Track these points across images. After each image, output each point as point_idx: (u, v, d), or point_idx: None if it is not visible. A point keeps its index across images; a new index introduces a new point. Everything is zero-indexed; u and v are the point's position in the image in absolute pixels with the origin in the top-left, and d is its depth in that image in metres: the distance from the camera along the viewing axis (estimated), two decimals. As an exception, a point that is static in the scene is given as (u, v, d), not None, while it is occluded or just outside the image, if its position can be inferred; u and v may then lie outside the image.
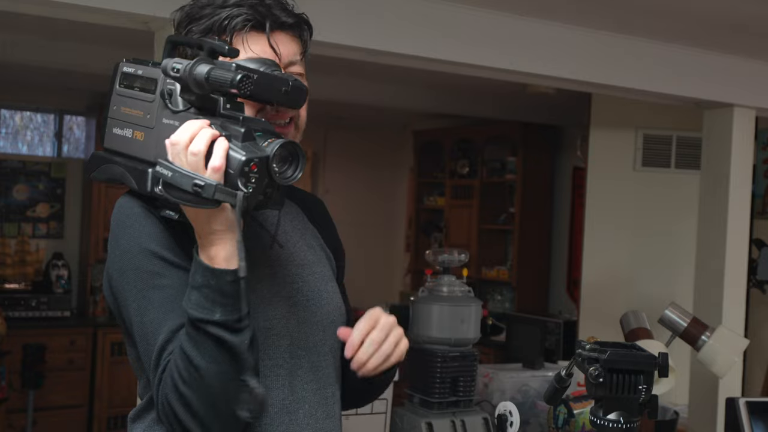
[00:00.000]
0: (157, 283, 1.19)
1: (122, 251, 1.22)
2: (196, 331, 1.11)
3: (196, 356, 1.11)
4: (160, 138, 1.14)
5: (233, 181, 1.06)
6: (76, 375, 5.49)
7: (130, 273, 1.21)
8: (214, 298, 1.10)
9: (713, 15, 3.08)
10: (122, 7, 2.52)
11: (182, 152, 1.08)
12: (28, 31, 3.94)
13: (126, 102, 1.21)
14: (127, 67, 1.23)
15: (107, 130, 1.24)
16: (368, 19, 2.91)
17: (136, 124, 1.19)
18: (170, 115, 1.14)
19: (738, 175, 3.76)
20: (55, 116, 6.23)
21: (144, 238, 1.21)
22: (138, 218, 1.22)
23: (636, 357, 1.21)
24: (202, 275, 1.11)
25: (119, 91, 1.23)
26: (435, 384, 2.44)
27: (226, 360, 1.11)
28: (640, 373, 1.20)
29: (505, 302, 6.17)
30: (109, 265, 1.25)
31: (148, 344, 1.19)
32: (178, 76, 1.10)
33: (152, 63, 1.21)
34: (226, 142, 1.07)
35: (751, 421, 2.37)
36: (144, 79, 1.19)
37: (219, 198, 1.05)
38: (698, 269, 3.90)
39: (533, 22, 3.21)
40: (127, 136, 1.20)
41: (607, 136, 4.85)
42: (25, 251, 5.87)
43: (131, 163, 1.19)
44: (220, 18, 1.26)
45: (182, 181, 1.06)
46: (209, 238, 1.12)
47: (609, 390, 1.20)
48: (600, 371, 1.19)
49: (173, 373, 1.13)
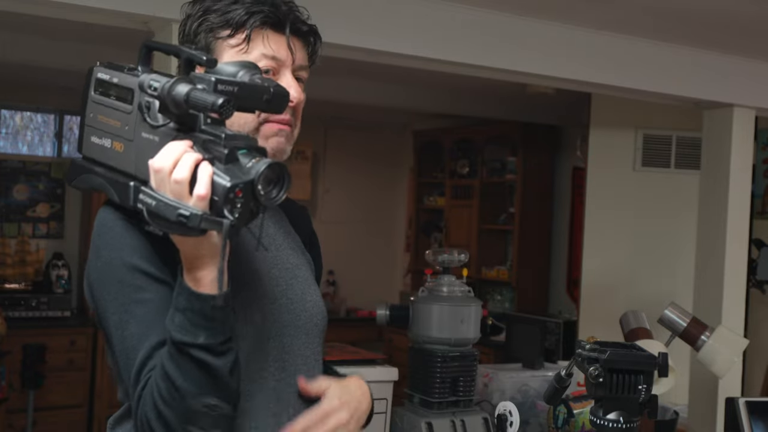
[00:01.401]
0: (138, 297, 1.17)
1: (104, 263, 1.21)
2: (179, 353, 1.10)
3: (178, 377, 1.10)
4: (139, 152, 1.12)
5: (219, 208, 1.03)
6: (76, 375, 5.49)
7: (111, 286, 1.19)
8: (198, 322, 1.09)
9: (713, 15, 3.08)
10: (122, 7, 2.52)
11: (166, 179, 1.05)
12: (28, 31, 3.94)
13: (102, 110, 1.17)
14: (102, 73, 1.18)
15: (85, 138, 1.20)
16: (368, 20, 2.91)
17: (115, 134, 1.15)
18: (149, 130, 1.11)
19: (738, 175, 3.76)
20: (55, 116, 6.23)
21: (126, 251, 1.19)
22: (120, 230, 1.20)
23: (636, 357, 1.21)
24: (186, 299, 1.10)
25: (95, 98, 1.19)
26: (435, 384, 2.44)
27: (207, 382, 1.11)
28: (639, 373, 1.20)
29: (505, 302, 6.16)
30: (90, 273, 1.24)
31: (128, 359, 1.17)
32: (156, 95, 1.08)
33: (127, 69, 1.17)
34: (210, 167, 1.04)
35: (751, 421, 2.37)
36: (120, 87, 1.15)
37: (205, 227, 1.03)
38: (698, 269, 3.90)
39: (533, 22, 3.21)
40: (106, 146, 1.17)
41: (607, 136, 4.86)
42: (25, 251, 5.87)
43: (111, 174, 1.16)
44: (239, 12, 1.26)
45: (167, 211, 1.04)
46: (195, 263, 1.10)
47: (609, 390, 1.20)
48: (600, 371, 1.19)
49: (153, 392, 1.12)
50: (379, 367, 2.70)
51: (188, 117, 1.09)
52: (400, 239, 7.43)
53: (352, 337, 5.63)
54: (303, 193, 6.85)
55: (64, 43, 4.09)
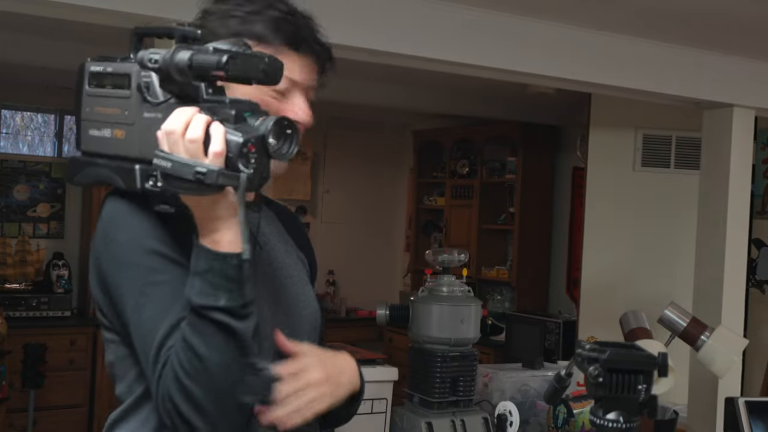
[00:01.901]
0: (155, 279, 1.17)
1: (118, 248, 1.20)
2: (200, 319, 1.09)
3: (200, 345, 1.08)
4: (143, 133, 1.12)
5: (234, 164, 1.05)
6: (76, 375, 5.50)
7: (127, 270, 1.19)
8: (219, 283, 1.08)
9: (713, 15, 3.08)
10: (122, 7, 2.53)
11: (179, 140, 1.05)
12: (28, 31, 3.94)
13: (99, 101, 1.18)
14: (95, 65, 1.19)
15: (83, 133, 1.21)
16: (368, 20, 2.91)
17: (115, 122, 1.16)
18: (151, 108, 1.12)
19: (737, 174, 3.76)
20: (55, 116, 6.24)
21: (141, 234, 1.19)
22: (132, 215, 1.20)
23: (636, 357, 1.21)
24: (205, 260, 1.09)
25: (90, 92, 1.19)
26: (435, 384, 2.45)
27: (231, 348, 1.09)
28: (639, 373, 1.20)
29: (504, 302, 6.17)
30: (101, 262, 1.22)
31: (145, 341, 1.16)
32: (158, 67, 1.08)
33: (120, 58, 1.18)
34: (221, 126, 1.06)
35: (751, 421, 2.37)
36: (115, 75, 1.16)
37: (222, 182, 1.04)
38: (698, 269, 3.90)
39: (533, 22, 3.21)
40: (105, 137, 1.17)
41: (607, 136, 4.86)
42: (25, 251, 5.88)
43: (114, 162, 1.16)
44: (264, 25, 1.27)
45: (183, 170, 1.04)
46: (212, 224, 1.10)
47: (608, 390, 1.20)
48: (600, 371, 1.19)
49: (175, 366, 1.11)
50: (379, 367, 2.70)
51: (190, 87, 1.09)
52: (400, 239, 7.43)
53: (352, 337, 5.64)
54: (303, 194, 6.85)
55: (64, 43, 4.09)
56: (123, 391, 1.28)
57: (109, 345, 1.29)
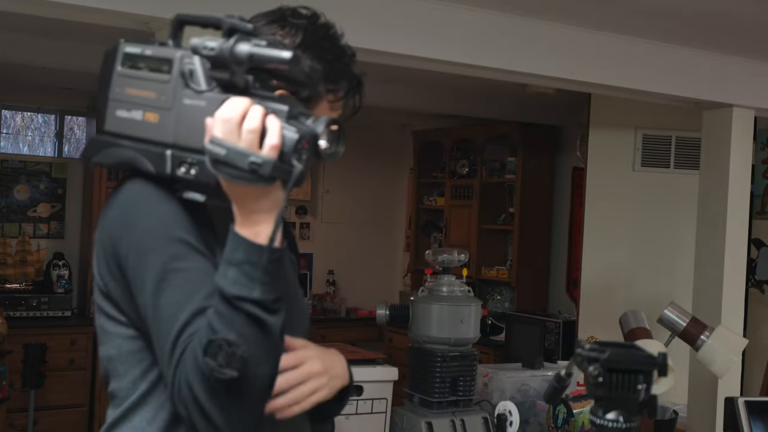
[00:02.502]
0: (177, 266, 1.15)
1: (142, 232, 1.18)
2: (232, 310, 1.07)
3: (228, 335, 1.07)
4: (181, 119, 1.12)
5: (287, 158, 1.06)
6: (76, 375, 5.50)
7: (149, 254, 1.16)
8: (255, 276, 1.08)
9: (713, 15, 3.09)
10: (122, 7, 2.53)
11: (235, 129, 1.06)
12: (28, 31, 3.94)
13: (131, 83, 1.17)
14: (130, 47, 1.18)
15: (108, 113, 1.19)
16: (368, 20, 2.91)
17: (148, 105, 1.15)
18: (193, 95, 1.11)
19: (737, 175, 3.77)
20: (55, 116, 6.24)
21: (168, 220, 1.17)
22: (158, 200, 1.18)
23: (635, 357, 1.21)
24: (244, 251, 1.09)
25: (122, 72, 1.18)
26: (435, 384, 2.45)
27: (259, 341, 1.09)
28: (639, 373, 1.20)
29: (504, 302, 6.17)
30: (119, 246, 1.20)
31: (161, 326, 1.14)
32: (213, 54, 1.08)
33: (158, 43, 1.17)
34: (278, 119, 1.07)
35: (750, 421, 2.37)
36: (154, 59, 1.15)
37: (275, 175, 1.05)
38: (697, 269, 3.90)
39: (533, 22, 3.21)
40: (135, 119, 1.16)
41: (607, 136, 4.86)
42: (25, 251, 5.88)
43: (142, 145, 1.15)
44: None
45: (238, 158, 1.04)
46: (254, 216, 1.10)
47: (608, 390, 1.20)
48: (599, 371, 1.19)
49: (198, 353, 1.09)
50: (379, 367, 2.70)
51: (241, 78, 1.09)
52: (400, 239, 7.44)
53: (352, 337, 5.65)
54: (303, 194, 6.86)
55: (64, 43, 4.09)
56: (123, 388, 1.24)
57: (113, 339, 1.25)
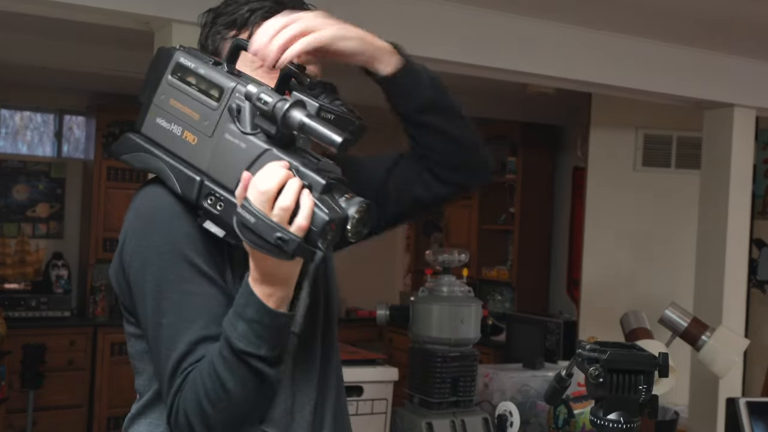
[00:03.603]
0: (182, 288, 1.16)
1: (152, 246, 1.18)
2: (237, 360, 1.10)
3: (229, 381, 1.10)
4: (219, 152, 1.11)
5: (314, 239, 1.05)
6: (76, 375, 5.50)
7: (156, 271, 1.17)
8: (263, 335, 1.10)
9: (713, 15, 3.08)
10: (122, 7, 2.52)
11: (269, 202, 1.04)
12: (28, 31, 3.94)
13: (178, 96, 1.15)
14: (185, 58, 1.16)
15: (149, 117, 1.17)
16: (367, 20, 2.90)
17: (189, 125, 1.14)
18: (236, 134, 1.10)
19: (738, 175, 3.76)
20: (55, 116, 6.23)
21: (180, 238, 1.17)
22: (174, 217, 1.18)
23: (636, 357, 1.21)
24: (256, 311, 1.10)
25: (171, 82, 1.16)
26: (435, 384, 2.44)
27: (258, 389, 1.13)
28: (640, 373, 1.20)
29: (505, 302, 6.16)
30: (128, 253, 1.20)
31: (160, 347, 1.16)
32: (266, 110, 1.07)
33: (213, 62, 1.16)
34: (311, 198, 1.05)
35: (752, 422, 2.36)
36: (206, 81, 1.14)
37: (298, 254, 1.05)
38: (698, 269, 3.90)
39: (533, 22, 3.21)
40: (174, 133, 1.15)
41: (607, 136, 4.85)
42: (25, 251, 5.87)
43: (174, 161, 1.15)
44: (242, 11, 1.27)
45: (265, 230, 1.04)
46: (268, 279, 1.10)
47: (609, 390, 1.19)
48: (600, 371, 1.19)
49: (198, 388, 1.12)
50: (379, 367, 2.70)
51: (283, 138, 1.09)
52: (400, 239, 7.43)
53: (352, 337, 5.64)
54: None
55: (64, 43, 4.08)
56: (141, 385, 1.29)
57: (129, 338, 1.30)
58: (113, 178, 5.70)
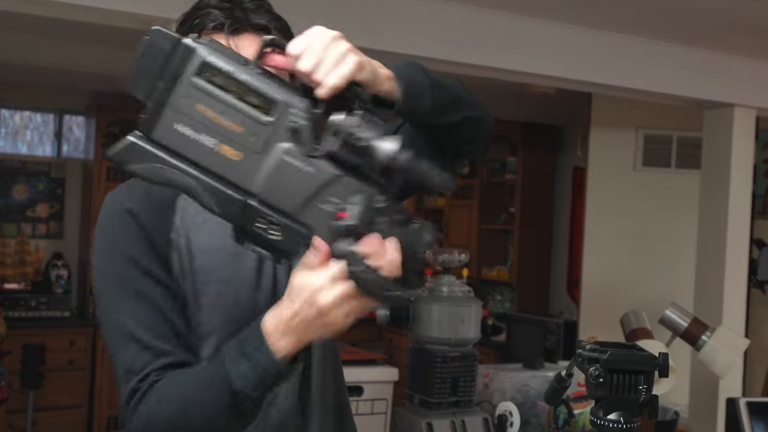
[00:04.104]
0: (129, 287, 1.18)
1: (101, 247, 1.22)
2: (230, 396, 1.09)
3: (211, 409, 1.10)
4: (276, 173, 0.99)
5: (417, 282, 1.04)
6: (76, 375, 5.49)
7: (103, 271, 1.21)
8: (265, 381, 1.08)
9: (713, 15, 3.08)
10: (122, 7, 2.52)
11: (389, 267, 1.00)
12: (28, 31, 3.94)
13: (209, 102, 0.99)
14: (214, 57, 1.00)
15: (163, 121, 0.99)
16: (367, 20, 2.91)
17: (230, 138, 0.99)
18: (297, 155, 1.00)
19: (738, 175, 3.76)
20: (54, 116, 6.23)
21: (125, 239, 1.19)
22: (121, 217, 1.20)
23: (636, 357, 1.21)
24: (267, 361, 1.07)
25: (197, 84, 0.99)
26: (435, 384, 2.44)
27: (236, 420, 1.11)
28: (640, 374, 1.19)
29: (505, 302, 6.16)
30: (91, 255, 1.26)
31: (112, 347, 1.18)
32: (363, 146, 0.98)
33: (242, 61, 1.01)
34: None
35: (752, 422, 2.36)
36: (249, 90, 1.00)
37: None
38: (698, 269, 3.90)
39: (533, 22, 3.21)
40: (205, 144, 0.99)
41: (608, 136, 4.85)
42: (24, 251, 5.87)
43: (206, 176, 1.00)
44: (193, 19, 1.23)
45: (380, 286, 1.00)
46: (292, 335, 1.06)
47: (609, 390, 1.19)
48: (600, 371, 1.19)
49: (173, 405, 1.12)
50: (379, 367, 2.70)
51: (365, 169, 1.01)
52: (400, 239, 7.42)
53: (352, 337, 5.63)
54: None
55: (63, 43, 4.08)
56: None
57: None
58: (113, 178, 5.70)
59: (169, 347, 1.17)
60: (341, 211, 1.00)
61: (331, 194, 1.00)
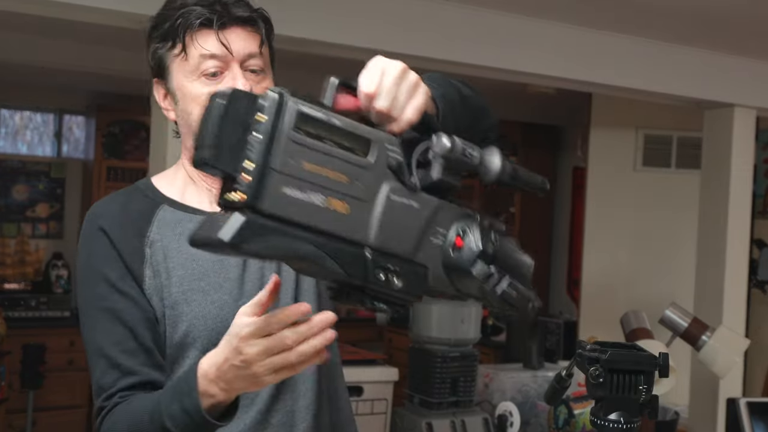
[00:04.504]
0: (100, 305, 1.22)
1: (79, 265, 1.27)
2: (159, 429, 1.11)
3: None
4: (386, 217, 0.93)
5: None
6: (75, 375, 5.48)
7: (80, 288, 1.26)
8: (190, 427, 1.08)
9: (713, 15, 3.08)
10: (122, 7, 2.52)
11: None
12: (28, 31, 3.93)
13: (312, 156, 0.89)
14: (308, 108, 0.90)
15: (270, 188, 0.87)
16: (367, 19, 2.91)
17: (335, 190, 0.90)
18: (402, 192, 0.94)
19: (738, 175, 3.76)
20: (54, 116, 6.23)
21: (98, 257, 1.23)
22: (95, 234, 1.24)
23: (637, 357, 1.21)
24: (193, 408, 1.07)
25: (296, 138, 0.88)
26: (435, 384, 2.44)
27: None
28: (640, 374, 1.19)
29: (505, 302, 6.15)
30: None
31: (89, 358, 1.25)
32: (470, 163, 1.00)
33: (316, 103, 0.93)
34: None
35: (752, 422, 2.36)
36: (344, 133, 0.91)
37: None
38: (699, 269, 3.89)
39: (533, 22, 3.21)
40: (315, 204, 0.89)
41: (608, 136, 4.85)
42: (24, 251, 5.87)
43: (323, 239, 0.90)
44: (174, 19, 1.22)
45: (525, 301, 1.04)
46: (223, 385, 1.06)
47: (609, 390, 1.19)
48: (600, 371, 1.19)
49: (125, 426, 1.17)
50: (379, 367, 2.70)
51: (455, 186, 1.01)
52: (400, 239, 7.42)
53: (352, 337, 5.63)
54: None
55: (63, 43, 4.08)
56: None
57: None
58: (113, 178, 5.70)
59: (137, 366, 1.20)
60: (459, 239, 0.99)
61: (437, 224, 0.99)
